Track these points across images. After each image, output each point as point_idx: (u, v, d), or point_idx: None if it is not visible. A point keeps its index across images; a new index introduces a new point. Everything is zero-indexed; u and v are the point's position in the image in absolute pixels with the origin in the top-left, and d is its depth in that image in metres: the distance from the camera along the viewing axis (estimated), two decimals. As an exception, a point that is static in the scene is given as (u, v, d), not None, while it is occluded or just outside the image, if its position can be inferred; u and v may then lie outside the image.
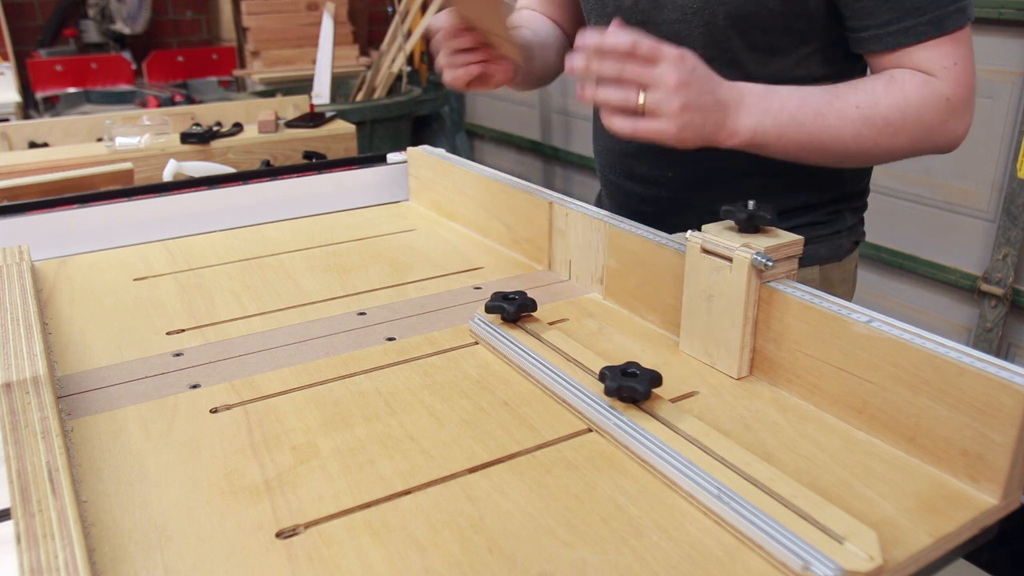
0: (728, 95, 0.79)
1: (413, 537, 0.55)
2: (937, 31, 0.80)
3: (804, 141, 0.81)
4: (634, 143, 1.00)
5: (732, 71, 0.90)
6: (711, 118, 0.78)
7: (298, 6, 4.14)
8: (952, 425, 0.59)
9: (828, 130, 0.80)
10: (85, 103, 3.86)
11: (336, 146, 1.98)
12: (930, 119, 0.81)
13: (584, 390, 0.69)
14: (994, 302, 2.05)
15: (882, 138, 0.81)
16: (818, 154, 0.83)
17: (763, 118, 0.79)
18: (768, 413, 0.69)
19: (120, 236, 1.16)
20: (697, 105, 0.76)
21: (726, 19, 0.86)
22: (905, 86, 0.81)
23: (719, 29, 0.87)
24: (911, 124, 0.81)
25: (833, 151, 0.82)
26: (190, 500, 0.59)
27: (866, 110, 0.80)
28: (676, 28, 0.90)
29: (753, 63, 0.89)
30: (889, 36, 0.81)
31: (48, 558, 0.49)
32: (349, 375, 0.77)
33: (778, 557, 0.51)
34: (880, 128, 0.81)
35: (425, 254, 1.08)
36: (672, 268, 0.81)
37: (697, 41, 0.89)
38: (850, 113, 0.80)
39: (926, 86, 0.81)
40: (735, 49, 0.88)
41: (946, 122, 0.82)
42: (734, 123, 0.79)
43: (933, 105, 0.81)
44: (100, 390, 0.74)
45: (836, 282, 1.02)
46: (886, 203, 2.26)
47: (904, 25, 0.80)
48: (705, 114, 0.77)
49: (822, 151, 0.82)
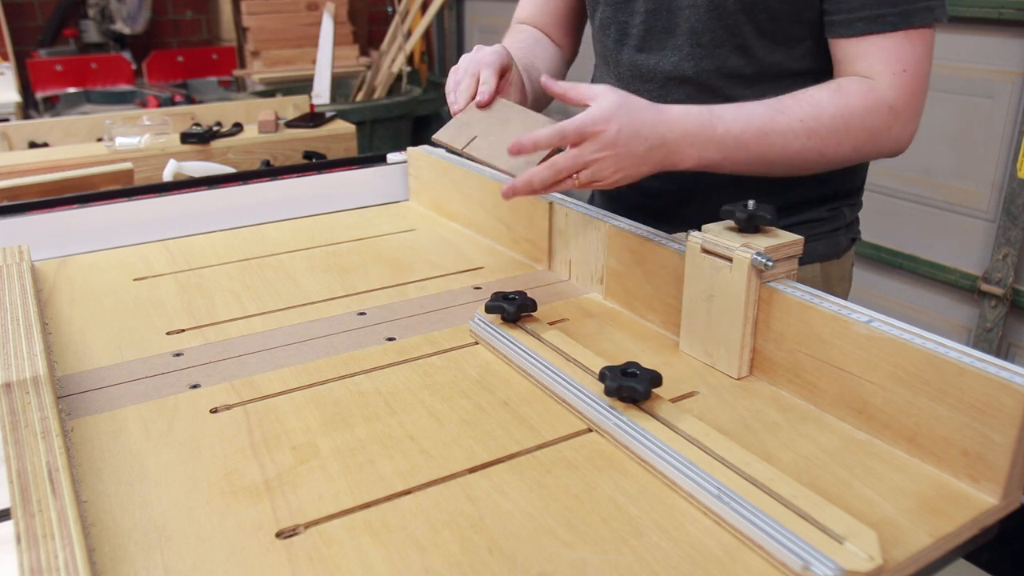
0: (667, 134, 0.80)
1: (413, 537, 0.55)
2: (904, 23, 0.82)
3: (750, 160, 0.84)
4: None
5: (740, 57, 0.91)
6: (645, 165, 0.80)
7: (298, 6, 4.14)
8: (952, 425, 0.59)
9: (773, 148, 0.83)
10: (85, 103, 3.86)
11: (336, 146, 1.98)
12: (873, 125, 0.84)
13: (584, 390, 0.69)
14: (994, 302, 2.05)
15: (826, 147, 0.84)
16: (764, 169, 0.86)
17: (707, 146, 0.82)
18: (768, 413, 0.69)
19: (120, 236, 1.16)
20: (628, 163, 0.79)
21: (736, 3, 0.87)
22: (850, 95, 0.83)
23: (729, 13, 0.89)
24: (854, 131, 0.84)
25: (779, 165, 0.85)
26: (190, 500, 0.59)
27: (810, 122, 0.83)
28: (687, 13, 0.91)
29: (761, 50, 0.90)
30: (859, 22, 0.84)
31: (48, 558, 0.49)
32: (349, 375, 0.77)
33: (778, 557, 0.51)
34: (824, 138, 0.83)
35: (425, 254, 1.08)
36: (672, 268, 0.81)
37: (707, 25, 0.90)
38: (794, 127, 0.83)
39: (871, 94, 0.83)
40: (744, 34, 0.90)
41: (890, 128, 0.84)
42: (676, 158, 0.81)
43: (876, 113, 0.83)
44: (100, 390, 0.74)
45: (835, 280, 1.02)
46: (886, 203, 2.26)
47: (875, 13, 0.83)
48: (637, 165, 0.80)
49: (768, 166, 0.85)
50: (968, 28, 1.99)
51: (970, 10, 1.96)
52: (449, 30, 4.25)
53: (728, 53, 0.91)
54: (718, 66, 0.92)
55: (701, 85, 0.93)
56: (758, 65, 0.91)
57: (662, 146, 0.80)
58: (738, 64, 0.91)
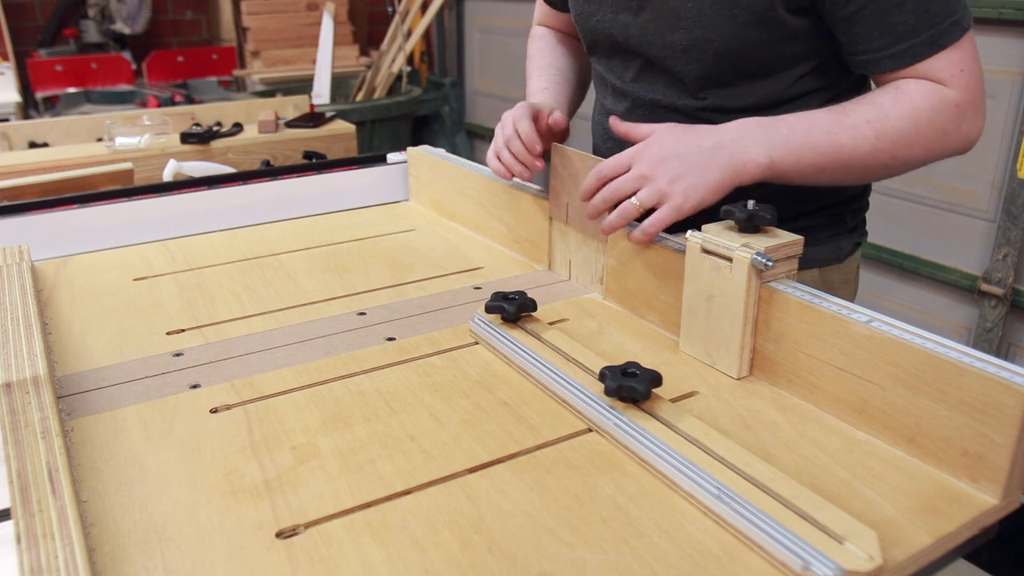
0: (723, 136, 0.80)
1: (413, 537, 0.55)
2: (934, 48, 0.79)
3: (822, 162, 0.81)
4: None
5: (729, 93, 0.90)
6: (710, 173, 0.79)
7: (298, 6, 4.14)
8: (952, 425, 0.59)
9: (844, 149, 0.80)
10: (85, 103, 3.85)
11: (336, 146, 1.98)
12: (942, 125, 0.81)
13: (584, 390, 0.69)
14: (994, 302, 2.05)
15: (897, 149, 0.81)
16: (838, 173, 0.83)
17: (774, 145, 0.80)
18: (768, 413, 0.69)
19: (120, 236, 1.16)
20: (684, 170, 0.78)
21: (715, 55, 0.86)
22: (913, 96, 0.81)
23: (709, 63, 0.88)
24: (924, 132, 0.81)
25: (852, 168, 0.82)
26: (190, 500, 0.59)
27: (877, 124, 0.80)
28: (668, 63, 0.91)
29: (749, 85, 0.89)
30: (888, 59, 0.81)
31: (48, 558, 0.49)
32: (349, 375, 0.77)
33: (778, 557, 0.51)
34: (894, 140, 0.81)
35: (425, 254, 1.08)
36: (672, 268, 0.81)
37: (690, 74, 0.90)
38: (862, 128, 0.80)
39: (934, 94, 0.81)
40: (728, 77, 0.89)
41: (959, 127, 0.82)
42: (744, 157, 0.79)
43: (944, 111, 0.81)
44: (100, 390, 0.74)
45: (837, 284, 1.01)
46: (886, 203, 2.26)
47: (900, 48, 0.80)
48: (700, 172, 0.78)
49: (842, 170, 0.82)
50: (968, 28, 1.99)
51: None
52: (449, 30, 4.24)
53: (717, 91, 0.90)
54: (710, 103, 0.92)
55: (695, 117, 0.93)
56: (748, 98, 0.90)
57: (720, 147, 0.79)
58: (729, 98, 0.90)
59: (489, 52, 4.03)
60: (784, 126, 0.81)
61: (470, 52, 4.20)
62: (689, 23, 0.86)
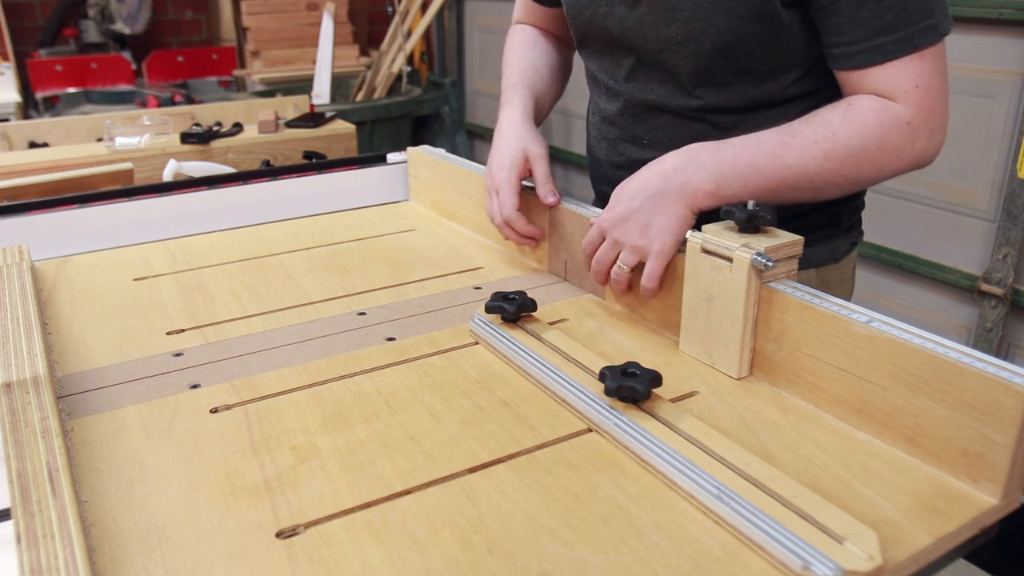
0: (665, 168, 0.81)
1: (413, 537, 0.55)
2: (906, 49, 0.79)
3: (770, 185, 0.81)
4: (624, 156, 1.01)
5: (723, 93, 0.90)
6: (667, 205, 0.80)
7: (298, 6, 4.14)
8: (952, 425, 0.59)
9: (791, 170, 0.81)
10: (85, 103, 3.86)
11: (336, 146, 1.98)
12: (893, 144, 0.80)
13: (584, 390, 0.69)
14: (994, 302, 2.05)
15: (846, 169, 0.81)
16: (787, 194, 0.83)
17: (721, 170, 0.80)
18: (768, 413, 0.69)
19: (120, 236, 1.16)
20: (646, 218, 0.81)
21: (712, 48, 0.86)
22: (864, 114, 0.80)
23: (705, 58, 0.88)
24: (872, 152, 0.81)
25: (801, 188, 0.82)
26: (190, 500, 0.59)
27: (825, 144, 0.80)
28: (663, 57, 0.91)
29: (742, 84, 0.89)
30: (859, 55, 0.81)
31: (48, 558, 0.49)
32: (349, 375, 0.77)
33: (778, 557, 0.51)
34: (842, 159, 0.80)
35: (425, 254, 1.08)
36: (672, 268, 0.81)
37: (685, 69, 0.90)
38: (809, 149, 0.80)
39: (885, 112, 0.80)
40: (722, 73, 0.89)
41: (912, 144, 0.81)
42: (690, 188, 0.80)
43: (895, 130, 0.80)
44: (100, 390, 0.74)
45: (834, 284, 1.01)
46: (886, 203, 2.26)
47: (874, 44, 0.80)
48: (658, 211, 0.80)
49: (790, 190, 0.82)
50: (968, 28, 1.99)
51: (970, 10, 1.96)
52: (449, 30, 4.25)
53: (711, 90, 0.90)
54: (704, 103, 0.92)
55: (689, 117, 0.93)
56: (742, 98, 0.90)
57: (666, 181, 0.80)
58: (723, 98, 0.91)
59: (489, 52, 4.03)
60: (730, 150, 0.81)
61: (470, 52, 4.20)
62: (686, 16, 0.86)
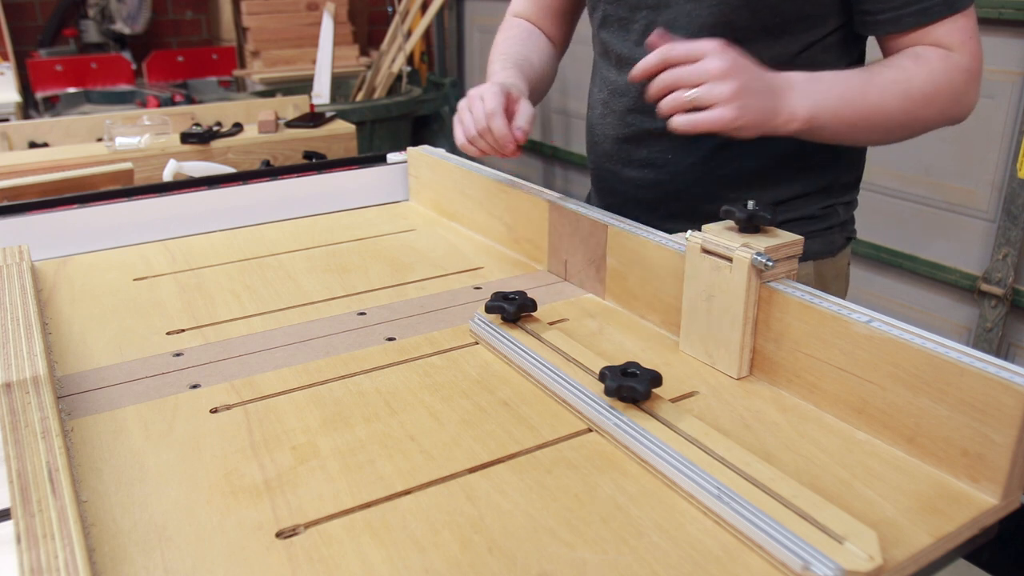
0: (775, 81, 0.82)
1: (413, 537, 0.55)
2: (951, 9, 0.85)
3: (855, 119, 0.85)
4: (632, 127, 1.01)
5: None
6: (765, 102, 0.80)
7: (298, 6, 4.14)
8: (952, 425, 0.59)
9: (874, 107, 0.85)
10: (85, 103, 3.85)
11: (336, 146, 1.98)
12: (955, 89, 0.87)
13: (584, 390, 0.69)
14: (994, 302, 2.05)
15: (919, 110, 0.86)
16: (867, 131, 0.87)
17: (816, 99, 0.83)
18: (768, 413, 0.69)
19: (120, 236, 1.16)
20: (749, 89, 0.79)
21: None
22: (931, 61, 0.86)
23: (732, 8, 0.89)
24: (942, 94, 0.86)
25: (881, 126, 0.87)
26: (190, 500, 0.59)
27: (903, 83, 0.85)
28: (687, 8, 0.91)
29: (762, 46, 0.90)
30: (909, 17, 0.86)
31: (48, 558, 0.49)
32: (349, 375, 0.77)
33: (778, 557, 0.51)
34: (917, 100, 0.86)
35: (425, 254, 1.08)
36: (672, 268, 0.81)
37: (707, 21, 0.90)
38: (890, 88, 0.85)
39: (948, 59, 0.86)
40: (746, 29, 0.89)
41: (968, 92, 0.88)
42: (790, 107, 0.82)
43: (957, 75, 0.86)
44: (100, 390, 0.74)
45: (830, 278, 1.02)
46: (886, 203, 2.26)
47: (922, 6, 0.85)
48: (759, 97, 0.80)
49: (870, 127, 0.87)
50: (968, 28, 1.99)
51: (970, 10, 1.96)
52: (449, 30, 4.25)
53: None
54: None
55: None
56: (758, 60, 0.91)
57: (774, 92, 0.81)
58: None
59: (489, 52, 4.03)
60: (823, 82, 0.84)
61: (470, 52, 4.20)
62: None
